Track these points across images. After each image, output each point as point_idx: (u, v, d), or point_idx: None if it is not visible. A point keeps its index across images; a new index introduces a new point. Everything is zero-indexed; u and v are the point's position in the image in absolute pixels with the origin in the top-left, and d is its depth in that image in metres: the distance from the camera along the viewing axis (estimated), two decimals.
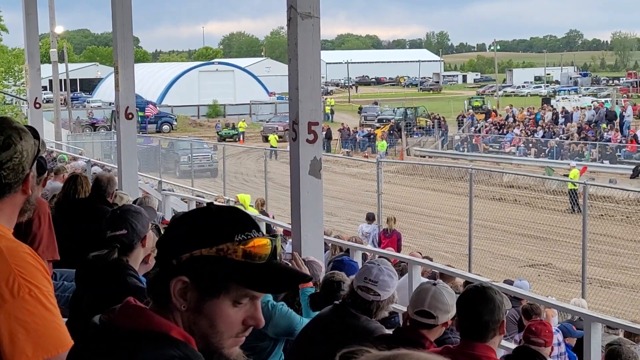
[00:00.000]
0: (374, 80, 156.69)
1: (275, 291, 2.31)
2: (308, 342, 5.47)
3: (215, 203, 2.48)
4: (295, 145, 8.03)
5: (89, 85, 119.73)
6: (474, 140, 56.40)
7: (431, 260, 13.11)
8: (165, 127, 74.78)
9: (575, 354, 10.05)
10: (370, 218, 22.13)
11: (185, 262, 2.09)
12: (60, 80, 48.60)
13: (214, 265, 2.09)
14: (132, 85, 12.91)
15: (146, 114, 74.06)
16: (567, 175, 34.75)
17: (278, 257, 2.17)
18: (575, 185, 27.08)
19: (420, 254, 14.07)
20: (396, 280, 5.43)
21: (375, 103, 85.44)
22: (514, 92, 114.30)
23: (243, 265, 2.10)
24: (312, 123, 7.94)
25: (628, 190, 30.71)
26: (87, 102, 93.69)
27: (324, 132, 55.76)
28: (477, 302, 4.67)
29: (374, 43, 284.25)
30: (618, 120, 53.42)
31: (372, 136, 60.67)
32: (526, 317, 10.37)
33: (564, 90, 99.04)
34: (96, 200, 8.46)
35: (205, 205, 2.26)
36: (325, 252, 13.52)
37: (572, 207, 26.84)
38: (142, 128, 63.79)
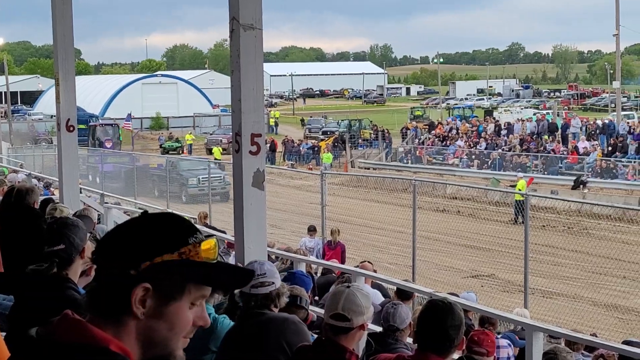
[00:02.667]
0: (318, 92, 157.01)
1: (233, 288, 2.34)
2: (228, 353, 5.51)
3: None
4: (238, 157, 7.97)
5: (30, 98, 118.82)
6: (417, 152, 56.74)
7: (375, 271, 13.14)
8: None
9: None
10: (311, 230, 21.96)
11: (146, 270, 2.09)
12: (0, 92, 47.99)
13: (177, 268, 2.10)
14: (74, 97, 12.76)
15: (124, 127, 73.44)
16: (514, 186, 35.16)
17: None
18: (521, 196, 27.38)
19: (371, 263, 14.06)
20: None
21: (325, 116, 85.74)
22: (456, 104, 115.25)
23: (203, 266, 2.13)
24: (255, 135, 7.89)
25: (569, 200, 31.21)
26: (28, 115, 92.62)
27: (268, 145, 55.80)
28: (444, 316, 4.67)
29: (318, 55, 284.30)
30: (559, 132, 54.13)
31: (316, 148, 60.82)
32: (481, 325, 10.55)
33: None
34: (20, 210, 8.29)
35: (140, 214, 2.23)
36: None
37: (516, 218, 27.11)
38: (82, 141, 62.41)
